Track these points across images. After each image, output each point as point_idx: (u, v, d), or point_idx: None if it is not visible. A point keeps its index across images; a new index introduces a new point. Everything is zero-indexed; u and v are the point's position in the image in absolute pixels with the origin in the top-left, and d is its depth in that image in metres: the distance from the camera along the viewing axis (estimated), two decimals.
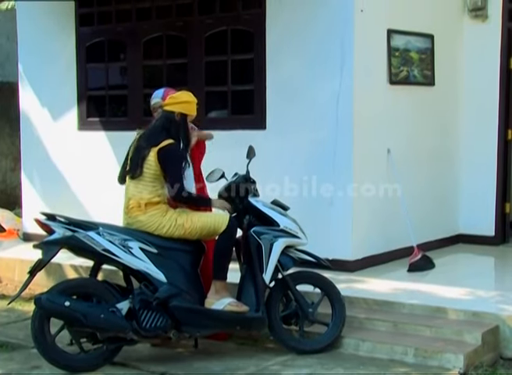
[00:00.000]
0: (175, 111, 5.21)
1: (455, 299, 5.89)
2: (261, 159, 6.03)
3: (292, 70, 7.03)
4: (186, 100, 5.26)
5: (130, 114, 8.10)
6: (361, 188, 6.84)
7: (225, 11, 7.44)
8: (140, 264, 5.04)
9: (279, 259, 5.24)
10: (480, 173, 7.94)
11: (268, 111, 7.19)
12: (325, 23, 6.82)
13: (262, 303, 5.17)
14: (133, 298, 5.01)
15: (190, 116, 5.29)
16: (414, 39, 7.39)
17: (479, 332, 5.19)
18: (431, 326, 5.38)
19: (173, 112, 5.21)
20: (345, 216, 6.76)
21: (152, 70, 8.11)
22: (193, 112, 5.29)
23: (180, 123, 5.21)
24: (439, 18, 7.78)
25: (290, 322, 5.38)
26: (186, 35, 7.67)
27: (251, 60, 7.30)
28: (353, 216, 6.77)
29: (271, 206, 5.40)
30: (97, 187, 8.24)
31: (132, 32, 8.02)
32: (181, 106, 5.22)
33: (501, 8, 8.00)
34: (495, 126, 8.06)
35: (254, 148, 5.61)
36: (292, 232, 5.31)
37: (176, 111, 5.21)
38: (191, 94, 5.34)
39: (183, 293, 5.09)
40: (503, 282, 6.68)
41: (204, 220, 5.20)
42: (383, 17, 7.04)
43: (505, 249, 8.05)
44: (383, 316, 5.66)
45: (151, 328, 5.00)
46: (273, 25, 7.11)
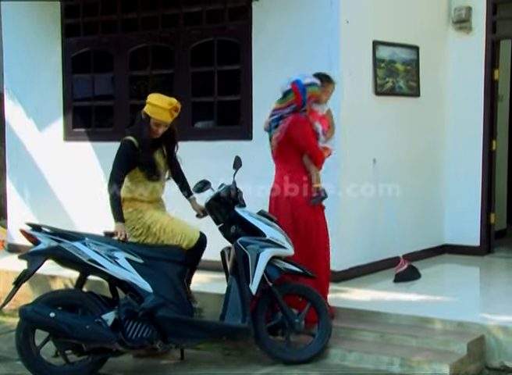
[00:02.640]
0: (144, 110, 5.37)
1: (441, 309, 5.90)
2: (248, 170, 6.04)
3: (278, 81, 6.98)
4: (155, 103, 5.32)
5: (116, 125, 8.08)
6: (347, 199, 6.85)
7: (211, 22, 7.46)
8: (126, 274, 5.03)
9: (266, 270, 5.24)
10: (465, 184, 7.98)
11: (255, 121, 7.18)
12: (311, 34, 6.85)
13: (248, 313, 5.17)
14: (119, 308, 5.00)
15: (158, 121, 5.33)
16: (399, 50, 7.43)
17: (465, 342, 5.21)
18: (417, 337, 5.39)
19: (144, 111, 5.37)
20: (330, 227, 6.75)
21: (138, 81, 8.11)
22: (159, 117, 5.31)
23: (142, 122, 5.33)
24: (424, 30, 7.83)
25: (277, 332, 5.38)
26: (172, 46, 7.68)
27: (237, 71, 7.32)
28: (339, 227, 6.77)
29: (257, 216, 5.41)
30: (83, 197, 8.21)
31: (118, 43, 8.02)
32: (148, 107, 5.35)
33: (485, 21, 8.06)
34: (479, 136, 8.10)
35: (240, 158, 5.62)
36: (278, 242, 5.31)
37: (144, 110, 5.36)
38: (168, 101, 5.35)
39: (170, 303, 5.09)
40: (489, 292, 6.71)
41: (176, 232, 5.32)
42: (369, 28, 7.08)
43: (490, 259, 8.08)
44: (369, 326, 5.66)
45: (137, 339, 4.99)
46: (259, 36, 7.14)
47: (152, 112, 5.33)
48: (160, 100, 5.35)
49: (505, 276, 7.63)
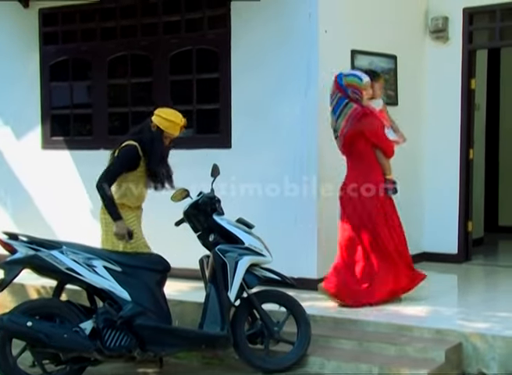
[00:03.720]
0: (155, 122, 5.46)
1: (419, 317, 5.93)
2: (226, 178, 6.04)
3: (257, 89, 7.06)
4: (170, 119, 5.47)
5: (95, 133, 8.06)
6: (326, 207, 6.86)
7: (190, 31, 7.47)
8: (104, 283, 5.01)
9: (244, 278, 5.24)
10: (443, 192, 8.03)
11: (234, 130, 7.21)
12: (290, 43, 6.88)
13: (227, 322, 5.15)
14: (97, 317, 4.97)
15: (169, 135, 5.50)
16: (377, 59, 7.48)
17: (443, 349, 5.22)
18: (395, 344, 5.40)
19: (153, 122, 5.46)
20: (310, 235, 6.78)
21: (117, 89, 8.10)
22: (172, 132, 5.50)
23: (154, 135, 5.44)
24: (401, 39, 7.89)
25: (256, 341, 5.37)
26: (151, 54, 7.68)
27: (217, 79, 7.33)
28: (318, 235, 6.79)
29: (236, 224, 5.40)
30: (61, 205, 8.17)
31: (97, 51, 8.00)
32: (163, 122, 5.46)
33: (461, 31, 8.15)
34: (457, 145, 8.17)
35: (218, 166, 5.62)
36: (257, 250, 5.31)
37: (156, 122, 5.46)
38: (180, 117, 5.54)
39: (148, 311, 5.07)
40: (466, 300, 6.74)
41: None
42: (347, 38, 7.12)
43: (468, 267, 8.13)
44: (348, 334, 5.67)
45: (115, 347, 4.96)
46: (238, 45, 7.15)
47: (166, 126, 5.47)
48: (174, 116, 5.51)
49: (482, 283, 7.70)
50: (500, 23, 7.99)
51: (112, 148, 7.83)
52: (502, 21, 7.98)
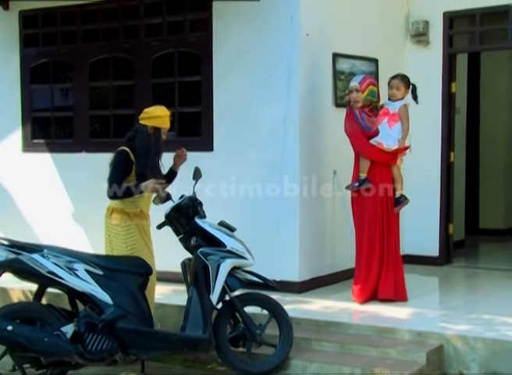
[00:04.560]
0: (148, 125, 5.50)
1: (400, 319, 5.95)
2: (209, 181, 6.03)
3: (239, 92, 7.07)
4: (159, 115, 5.54)
5: (76, 136, 8.03)
6: (308, 210, 6.88)
7: (172, 33, 7.46)
8: (85, 286, 4.98)
9: (226, 280, 5.23)
10: (424, 194, 8.06)
11: (216, 133, 7.20)
12: (272, 46, 6.89)
13: (209, 325, 5.14)
14: (78, 320, 4.94)
15: (164, 129, 5.59)
16: (358, 63, 7.50)
17: (424, 351, 5.25)
18: (377, 347, 5.42)
19: (146, 125, 5.49)
20: (291, 238, 6.79)
21: (98, 92, 8.07)
22: (165, 125, 5.59)
23: (153, 135, 5.50)
24: (383, 43, 7.93)
25: (238, 344, 5.36)
26: (132, 57, 7.66)
27: (198, 82, 7.32)
28: (300, 238, 6.80)
29: (217, 227, 5.39)
30: (43, 209, 8.13)
31: (78, 53, 7.97)
32: (153, 120, 5.52)
33: (442, 35, 8.20)
34: (438, 148, 8.22)
35: (200, 169, 5.62)
36: (239, 253, 5.30)
37: (149, 125, 5.49)
38: (164, 108, 5.63)
39: (130, 315, 5.05)
40: (447, 302, 6.76)
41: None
42: (329, 41, 7.14)
43: (449, 269, 8.18)
44: (330, 336, 5.68)
45: (97, 351, 4.93)
46: (220, 48, 7.16)
47: (161, 123, 5.56)
48: (162, 110, 5.60)
49: (463, 286, 7.74)
50: (480, 27, 8.06)
51: (94, 150, 7.89)
52: (481, 25, 8.05)
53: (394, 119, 6.48)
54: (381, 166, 6.51)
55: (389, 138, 6.44)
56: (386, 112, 6.54)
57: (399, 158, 6.62)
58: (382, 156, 6.50)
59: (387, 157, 6.51)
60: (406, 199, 6.59)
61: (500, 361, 5.18)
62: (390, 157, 6.52)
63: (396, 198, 6.55)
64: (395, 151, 6.51)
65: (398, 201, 6.54)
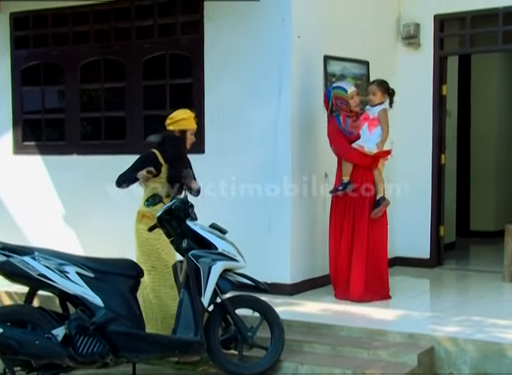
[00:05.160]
0: (175, 129, 5.72)
1: (392, 321, 5.97)
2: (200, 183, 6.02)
3: (230, 95, 7.06)
4: (183, 117, 5.75)
5: (67, 138, 8.02)
6: (299, 212, 6.88)
7: (163, 35, 7.47)
8: (76, 289, 4.96)
9: (218, 283, 5.21)
10: (415, 197, 8.07)
11: (207, 135, 7.19)
12: (263, 49, 6.89)
13: (201, 327, 5.12)
14: (69, 323, 4.92)
15: (191, 130, 5.78)
16: (350, 65, 7.51)
17: (415, 353, 5.25)
18: (368, 349, 5.42)
19: (173, 130, 5.72)
20: (283, 240, 6.79)
21: (90, 94, 8.07)
22: (191, 126, 5.79)
23: (180, 137, 5.72)
24: (374, 45, 7.94)
25: (229, 346, 5.34)
26: (124, 59, 7.66)
27: (190, 84, 7.32)
28: (291, 240, 6.80)
29: (209, 229, 5.38)
30: (33, 211, 8.10)
31: (69, 55, 7.97)
32: (179, 124, 5.72)
33: (432, 37, 8.23)
34: (429, 151, 8.24)
35: (191, 171, 5.62)
36: (230, 255, 5.29)
37: (176, 129, 5.72)
38: (187, 111, 5.83)
39: (121, 317, 5.03)
40: (438, 304, 6.78)
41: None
42: (320, 44, 7.15)
43: (440, 271, 8.19)
44: (322, 339, 5.68)
45: (88, 354, 4.91)
46: (211, 50, 7.15)
47: (186, 125, 5.74)
48: (185, 113, 5.79)
49: (454, 287, 7.76)
50: (470, 30, 8.08)
51: (85, 153, 7.89)
52: (472, 28, 8.07)
53: (374, 124, 6.60)
54: (362, 169, 6.61)
55: (370, 142, 6.56)
56: (366, 117, 6.66)
57: (380, 162, 6.69)
58: (363, 159, 6.59)
59: (368, 160, 6.60)
60: (385, 200, 6.65)
61: (491, 363, 5.19)
62: (371, 160, 6.61)
63: (376, 200, 6.62)
64: (376, 154, 6.59)
65: (378, 204, 6.60)
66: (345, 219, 6.62)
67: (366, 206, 6.59)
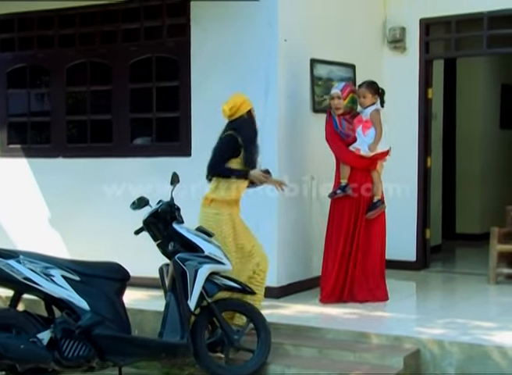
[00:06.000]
0: (243, 114, 5.81)
1: (378, 324, 5.99)
2: (186, 186, 6.03)
3: (217, 97, 6.97)
4: (243, 100, 5.86)
5: (53, 141, 7.98)
6: (286, 215, 6.89)
7: (149, 38, 7.46)
8: (62, 292, 4.94)
9: (204, 286, 5.21)
10: (401, 200, 8.09)
11: (194, 138, 7.19)
12: (250, 52, 6.89)
13: (187, 330, 5.12)
14: (55, 327, 4.89)
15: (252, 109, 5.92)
16: (336, 68, 7.52)
17: (401, 356, 5.26)
18: (354, 351, 5.42)
19: (242, 116, 5.81)
20: (270, 243, 6.76)
21: (76, 97, 8.04)
22: (251, 105, 5.91)
23: (250, 117, 5.86)
24: (360, 49, 7.96)
25: (216, 349, 5.34)
26: (110, 62, 7.63)
27: (176, 87, 7.31)
28: (278, 242, 6.80)
29: (195, 233, 5.38)
30: (19, 214, 8.06)
31: (55, 58, 7.93)
32: (244, 107, 5.84)
33: (418, 41, 8.27)
34: (415, 154, 8.27)
35: (178, 174, 5.60)
36: (216, 258, 5.29)
37: (244, 113, 5.81)
38: (237, 93, 5.95)
39: (107, 321, 5.01)
40: (424, 306, 6.80)
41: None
42: (306, 47, 7.16)
43: (426, 274, 8.22)
44: (308, 341, 5.68)
45: (74, 358, 4.89)
46: (198, 53, 7.14)
47: (249, 104, 5.89)
48: (239, 95, 5.91)
49: (440, 290, 7.79)
50: (456, 34, 8.13)
51: (71, 156, 7.85)
52: (457, 32, 8.12)
53: (367, 126, 6.61)
54: (361, 171, 6.61)
55: (365, 144, 6.56)
56: (360, 119, 6.66)
57: (379, 164, 6.71)
58: (360, 162, 6.59)
59: (366, 162, 6.60)
60: (382, 204, 6.67)
61: (476, 365, 5.20)
62: (369, 162, 6.61)
63: (373, 202, 6.62)
64: (373, 156, 6.58)
65: (374, 206, 6.62)
66: (343, 220, 6.60)
67: (362, 208, 6.60)
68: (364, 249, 6.63)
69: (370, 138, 6.57)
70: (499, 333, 5.49)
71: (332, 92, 6.66)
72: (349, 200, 6.60)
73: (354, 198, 6.60)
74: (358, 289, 6.64)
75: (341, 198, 6.61)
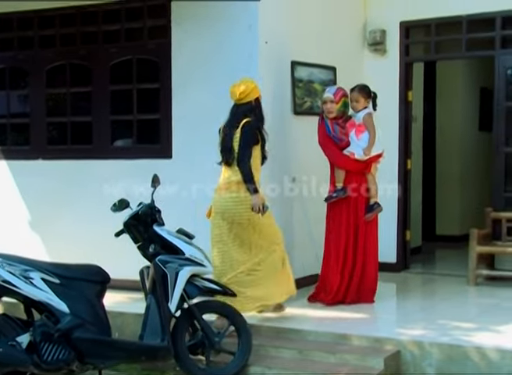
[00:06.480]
0: (252, 100, 5.95)
1: (359, 326, 5.98)
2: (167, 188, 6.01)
3: (198, 100, 7.03)
4: (254, 85, 5.99)
5: (33, 143, 7.93)
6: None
7: (130, 40, 7.43)
8: (41, 295, 4.89)
9: (185, 288, 5.19)
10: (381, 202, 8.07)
11: (174, 140, 7.16)
12: (230, 54, 6.88)
13: (168, 333, 5.10)
14: (34, 330, 4.85)
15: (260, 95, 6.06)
16: (317, 71, 7.53)
17: (382, 357, 5.28)
18: (335, 353, 5.44)
19: (250, 101, 5.94)
20: None
21: (56, 98, 7.99)
22: (259, 91, 6.04)
23: (257, 105, 6.00)
24: (341, 51, 7.98)
25: (197, 352, 5.33)
26: (90, 64, 7.60)
27: (157, 89, 7.28)
28: None
29: (176, 235, 5.36)
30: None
31: (35, 60, 7.88)
32: (252, 94, 5.95)
33: (398, 44, 8.30)
34: (395, 156, 8.29)
35: (158, 176, 5.57)
36: (197, 260, 5.27)
37: (251, 99, 5.93)
38: (249, 78, 6.08)
39: (87, 324, 4.97)
40: (405, 308, 6.82)
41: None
42: (287, 49, 7.16)
43: (406, 275, 8.26)
44: (289, 343, 5.69)
45: (53, 361, 4.85)
46: (179, 55, 7.12)
47: (257, 91, 6.02)
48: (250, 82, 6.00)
49: (420, 291, 7.82)
50: (435, 37, 8.18)
51: (50, 158, 7.80)
52: (437, 35, 8.17)
53: (360, 130, 6.61)
54: (355, 175, 6.62)
55: (359, 148, 6.57)
56: (353, 123, 6.66)
57: (373, 167, 6.72)
58: (355, 165, 6.61)
59: (360, 166, 6.62)
60: (379, 207, 6.72)
61: (455, 365, 5.24)
62: (363, 166, 6.63)
63: (370, 205, 6.66)
64: (368, 159, 6.60)
65: (371, 209, 6.66)
66: (342, 223, 6.62)
67: (361, 210, 6.63)
68: (364, 251, 6.67)
69: (364, 142, 6.57)
70: (479, 334, 5.53)
71: (325, 96, 6.66)
72: (346, 203, 6.60)
73: (351, 201, 6.59)
74: (362, 291, 6.67)
75: (337, 202, 6.61)
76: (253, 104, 5.96)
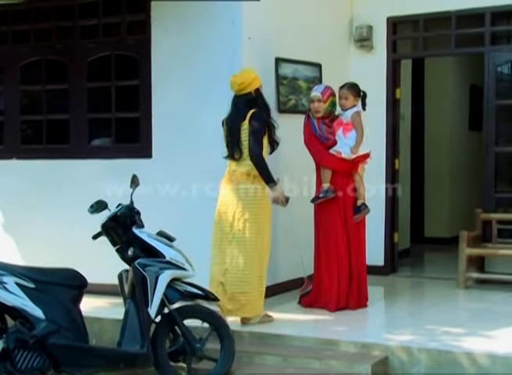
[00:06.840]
0: (251, 90, 5.93)
1: (345, 331, 5.90)
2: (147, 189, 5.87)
3: (179, 97, 6.93)
4: (255, 76, 6.00)
5: (6, 142, 7.79)
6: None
7: (108, 35, 7.30)
8: (15, 300, 4.80)
9: (165, 293, 5.08)
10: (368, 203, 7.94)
11: (154, 139, 7.05)
12: (213, 51, 6.77)
13: (147, 339, 4.99)
14: (7, 337, 4.75)
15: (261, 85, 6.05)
16: (302, 68, 7.42)
17: (369, 363, 5.20)
18: (320, 359, 5.35)
19: (250, 92, 5.93)
20: None
21: (30, 96, 7.87)
22: (260, 82, 6.04)
23: (258, 95, 5.99)
24: (326, 47, 7.88)
25: (178, 358, 5.23)
26: (67, 60, 7.47)
27: (137, 87, 7.17)
28: None
29: (156, 237, 5.25)
30: None
31: (8, 55, 7.74)
32: (253, 84, 5.95)
33: (385, 40, 8.21)
34: (383, 155, 8.18)
35: (138, 176, 5.46)
36: (178, 264, 5.16)
37: (252, 90, 5.93)
38: (249, 68, 6.11)
39: (63, 330, 4.88)
40: (393, 312, 6.74)
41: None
42: (271, 46, 7.05)
43: (394, 279, 8.17)
44: (273, 349, 5.59)
45: (27, 369, 4.76)
46: (159, 51, 7.00)
47: (258, 81, 6.01)
48: (251, 72, 6.03)
49: (408, 295, 7.71)
50: (423, 33, 8.10)
51: (25, 157, 7.63)
52: (425, 31, 8.09)
53: (348, 129, 6.52)
54: (342, 175, 6.53)
55: (346, 146, 6.47)
56: (340, 122, 6.57)
57: (360, 166, 6.63)
58: (342, 165, 6.52)
59: (347, 166, 6.52)
60: (366, 208, 6.62)
61: (444, 371, 5.16)
62: (350, 165, 6.53)
63: (357, 206, 6.57)
64: (355, 159, 6.50)
65: (358, 210, 6.56)
66: (331, 225, 6.52)
67: (350, 211, 6.54)
68: (357, 254, 6.60)
69: (351, 140, 6.47)
70: (468, 340, 5.46)
71: (312, 95, 6.56)
72: (334, 204, 6.50)
73: (339, 202, 6.50)
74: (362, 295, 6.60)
75: (325, 203, 6.50)
76: (253, 95, 5.93)
